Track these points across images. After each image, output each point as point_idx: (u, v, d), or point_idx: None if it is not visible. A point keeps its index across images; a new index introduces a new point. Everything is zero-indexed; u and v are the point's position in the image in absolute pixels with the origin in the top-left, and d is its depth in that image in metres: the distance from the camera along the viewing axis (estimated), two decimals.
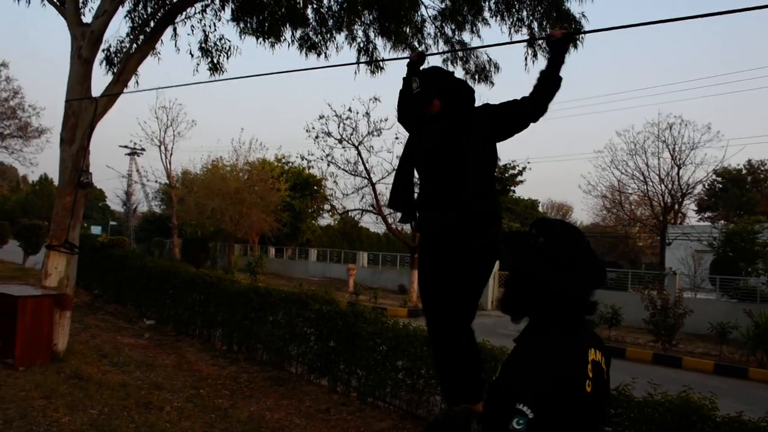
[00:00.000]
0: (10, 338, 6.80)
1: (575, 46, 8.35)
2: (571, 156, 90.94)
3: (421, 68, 3.49)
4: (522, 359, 1.72)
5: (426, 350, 6.27)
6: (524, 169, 27.40)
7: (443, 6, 9.18)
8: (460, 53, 9.62)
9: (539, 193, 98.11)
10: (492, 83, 9.69)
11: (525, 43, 8.81)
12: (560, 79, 3.01)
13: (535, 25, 8.69)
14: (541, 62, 9.13)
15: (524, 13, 8.68)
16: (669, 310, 14.05)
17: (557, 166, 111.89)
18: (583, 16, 8.34)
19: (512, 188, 29.44)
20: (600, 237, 39.68)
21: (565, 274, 1.73)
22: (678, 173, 27.17)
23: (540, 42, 8.71)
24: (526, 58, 8.88)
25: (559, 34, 3.02)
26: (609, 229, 38.01)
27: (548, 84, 3.00)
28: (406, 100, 3.53)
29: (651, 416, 4.56)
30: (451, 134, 3.11)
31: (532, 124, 3.10)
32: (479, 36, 9.32)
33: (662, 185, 27.45)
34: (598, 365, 1.71)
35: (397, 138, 22.28)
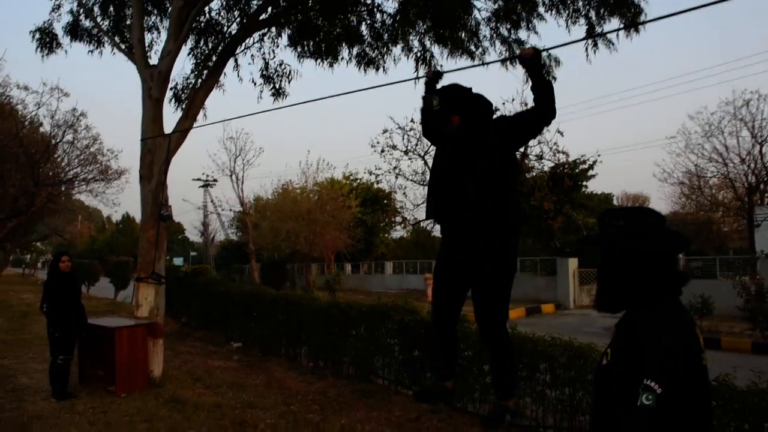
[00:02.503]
0: (110, 367, 7.18)
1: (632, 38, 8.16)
2: (643, 144, 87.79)
3: (438, 85, 3.77)
4: (641, 336, 1.71)
5: None
6: (595, 162, 26.60)
7: (496, 7, 9.13)
8: (518, 52, 9.51)
9: (613, 186, 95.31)
10: (554, 78, 9.53)
11: (585, 36, 8.61)
12: (549, 82, 3.33)
13: (592, 14, 8.51)
14: (602, 51, 9.03)
15: (580, 3, 8.53)
16: (765, 296, 13.34)
17: (629, 157, 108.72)
18: None
19: (584, 183, 28.64)
20: (681, 225, 38.18)
21: (656, 238, 1.83)
22: (761, 151, 25.77)
23: (598, 31, 8.56)
24: (586, 49, 8.69)
25: (530, 52, 3.38)
26: (689, 216, 36.44)
27: (542, 92, 3.30)
28: (427, 117, 3.80)
29: (757, 406, 4.33)
30: (471, 151, 3.40)
31: (546, 127, 3.46)
32: (536, 32, 9.19)
33: (744, 165, 26.13)
34: (701, 344, 1.73)
35: None
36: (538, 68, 3.36)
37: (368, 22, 9.71)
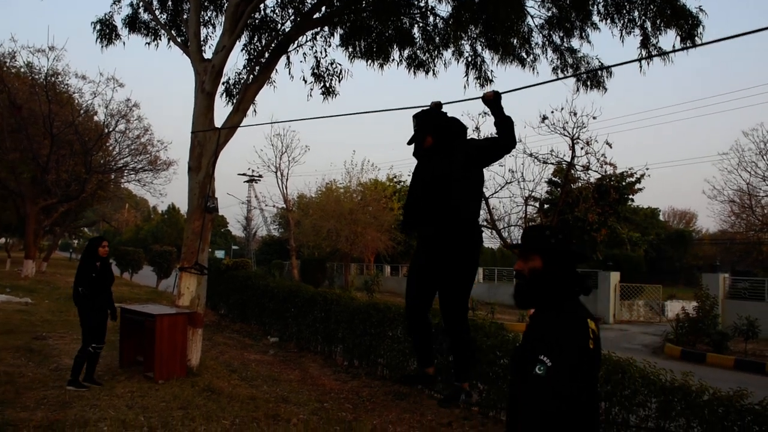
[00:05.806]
0: (150, 354, 7.32)
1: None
2: (693, 160, 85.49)
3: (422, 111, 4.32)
4: (542, 326, 2.18)
5: None
6: (642, 176, 25.95)
7: (550, 14, 9.04)
8: (570, 61, 9.42)
9: (659, 200, 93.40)
10: (605, 89, 9.39)
11: (640, 45, 8.46)
12: (509, 118, 3.92)
13: (648, 24, 8.35)
14: (656, 64, 8.91)
15: (635, 14, 8.38)
16: None
17: (678, 172, 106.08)
18: (701, 10, 7.87)
19: (630, 197, 28.04)
20: (729, 244, 37.12)
21: (573, 258, 2.35)
22: None
23: (654, 43, 8.41)
24: (640, 61, 8.51)
25: (491, 95, 3.91)
26: (738, 235, 35.29)
27: (503, 127, 3.91)
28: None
29: None
30: (442, 166, 4.00)
31: (506, 155, 4.16)
32: (589, 41, 9.10)
33: None
34: (594, 332, 2.15)
35: None
36: (499, 108, 3.90)
37: (421, 24, 9.73)
